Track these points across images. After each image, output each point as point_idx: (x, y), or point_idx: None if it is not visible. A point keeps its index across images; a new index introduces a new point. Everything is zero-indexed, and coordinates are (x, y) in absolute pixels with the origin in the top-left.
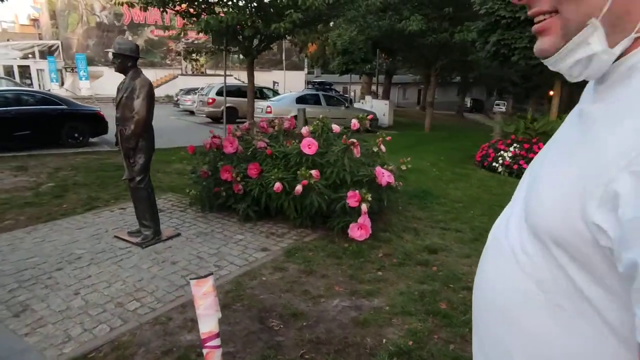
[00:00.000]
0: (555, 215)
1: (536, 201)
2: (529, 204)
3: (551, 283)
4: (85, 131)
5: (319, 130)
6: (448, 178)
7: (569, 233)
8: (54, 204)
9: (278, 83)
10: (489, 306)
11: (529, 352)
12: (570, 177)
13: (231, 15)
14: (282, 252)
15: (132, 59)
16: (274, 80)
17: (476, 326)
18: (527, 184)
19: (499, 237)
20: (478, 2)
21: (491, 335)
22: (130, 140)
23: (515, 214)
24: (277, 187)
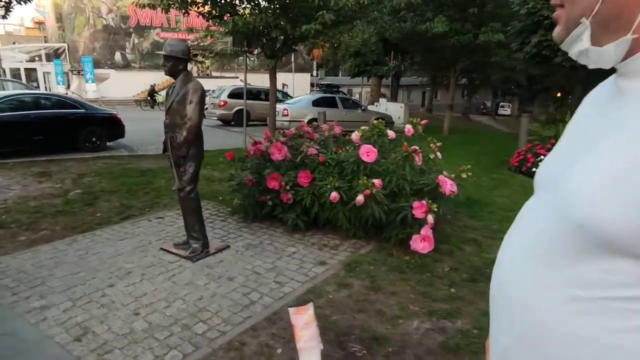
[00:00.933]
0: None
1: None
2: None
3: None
4: (102, 135)
5: (374, 136)
6: (488, 184)
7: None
8: (87, 212)
9: (287, 85)
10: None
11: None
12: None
13: (259, 17)
14: (341, 266)
15: (184, 61)
16: (283, 82)
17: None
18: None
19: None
20: (517, 2)
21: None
22: (182, 148)
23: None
24: (333, 197)
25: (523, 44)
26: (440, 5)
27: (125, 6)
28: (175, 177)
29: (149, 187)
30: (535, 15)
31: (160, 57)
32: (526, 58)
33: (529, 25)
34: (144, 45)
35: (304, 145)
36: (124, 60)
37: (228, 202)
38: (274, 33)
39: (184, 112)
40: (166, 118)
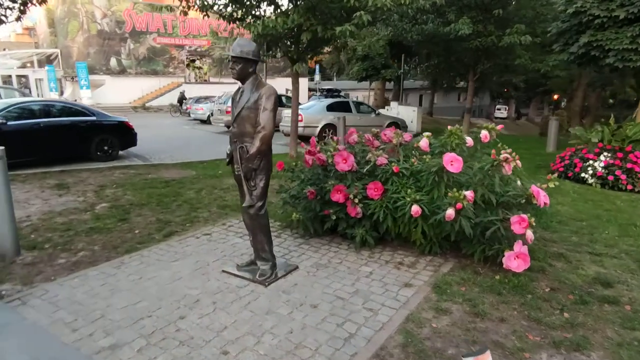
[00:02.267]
0: None
1: None
2: None
3: None
4: (115, 144)
5: (451, 143)
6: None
7: None
8: (123, 229)
9: (289, 90)
10: None
11: None
12: None
13: (290, 18)
14: (429, 287)
15: (255, 63)
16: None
17: None
18: None
19: None
20: (562, 2)
21: None
22: (255, 160)
23: None
24: (415, 211)
25: (566, 45)
26: (463, 6)
27: (120, 11)
28: (246, 193)
29: (179, 199)
30: (584, 15)
31: (158, 63)
32: (570, 60)
33: (575, 25)
34: (140, 51)
35: (371, 154)
36: (119, 65)
37: (277, 215)
38: (305, 35)
39: (256, 120)
40: (233, 126)
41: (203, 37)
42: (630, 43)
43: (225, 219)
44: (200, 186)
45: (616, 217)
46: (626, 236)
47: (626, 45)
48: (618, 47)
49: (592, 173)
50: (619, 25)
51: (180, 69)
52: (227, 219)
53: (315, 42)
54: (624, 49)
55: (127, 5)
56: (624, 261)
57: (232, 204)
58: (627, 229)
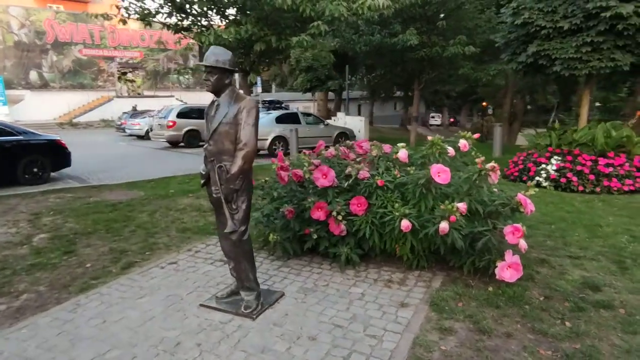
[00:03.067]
0: None
1: None
2: None
3: None
4: (45, 165)
5: (433, 153)
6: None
7: None
8: (72, 263)
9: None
10: None
11: None
12: None
13: (243, 28)
14: (426, 305)
15: (230, 74)
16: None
17: None
18: None
19: None
20: (510, 13)
21: None
22: (237, 180)
23: None
24: (406, 226)
25: (514, 54)
26: (408, 18)
27: (40, 21)
28: (227, 217)
29: (131, 224)
30: (531, 26)
31: (85, 76)
32: (518, 68)
33: (522, 36)
34: (64, 63)
35: (351, 168)
36: (41, 79)
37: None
38: (258, 46)
39: (238, 135)
40: (208, 144)
41: (134, 49)
42: (575, 52)
43: (189, 244)
44: (153, 208)
45: (579, 218)
46: (595, 237)
47: (571, 55)
48: (564, 56)
49: (545, 176)
50: (563, 36)
51: (111, 82)
52: (191, 244)
53: (269, 52)
54: (569, 57)
55: (48, 14)
56: (602, 263)
57: (192, 226)
58: (593, 230)
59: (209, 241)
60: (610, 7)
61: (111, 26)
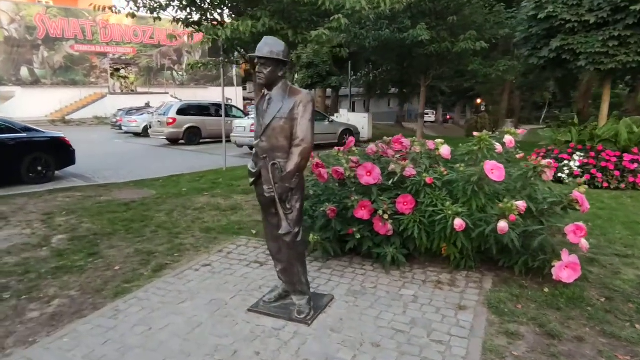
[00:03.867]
0: None
1: None
2: None
3: None
4: (50, 163)
5: (481, 149)
6: None
7: None
8: (99, 266)
9: (231, 99)
10: None
11: None
12: None
13: (260, 22)
14: (485, 308)
15: (284, 65)
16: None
17: None
18: None
19: None
20: (532, 6)
21: None
22: (292, 178)
23: None
24: (459, 226)
25: (534, 49)
26: (417, 12)
27: (30, 16)
28: (281, 218)
29: (150, 224)
30: (555, 19)
31: (77, 72)
32: (539, 63)
33: (545, 30)
34: (56, 59)
35: (394, 165)
36: (32, 75)
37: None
38: None
39: (295, 131)
40: (260, 140)
41: (127, 45)
42: (602, 47)
43: (217, 244)
44: (169, 207)
45: (614, 215)
46: (637, 235)
47: (598, 49)
48: (590, 50)
49: (568, 173)
50: (588, 30)
51: (104, 78)
52: (220, 244)
53: None
54: (595, 52)
55: (39, 9)
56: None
57: (215, 226)
58: (633, 227)
59: (238, 242)
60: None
61: (103, 21)
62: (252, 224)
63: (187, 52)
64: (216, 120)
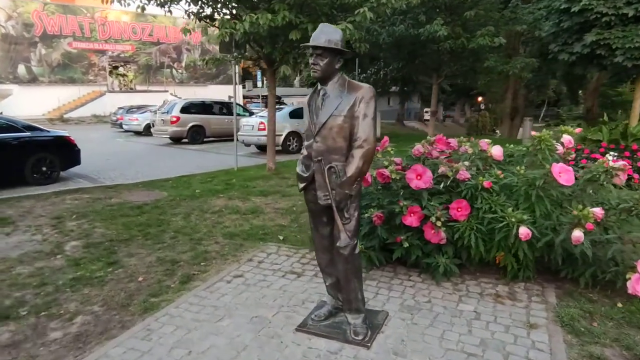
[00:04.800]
0: None
1: None
2: None
3: None
4: (55, 163)
5: (542, 150)
6: None
7: None
8: (120, 276)
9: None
10: None
11: None
12: None
13: (280, 15)
14: (557, 326)
15: (342, 57)
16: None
17: None
18: None
19: None
20: (563, 0)
21: None
22: (353, 184)
23: None
24: (525, 235)
25: (565, 45)
26: (433, 8)
27: (28, 12)
28: (340, 229)
29: (167, 228)
30: (590, 13)
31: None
32: (570, 60)
33: (578, 24)
34: (54, 57)
35: (443, 167)
36: (29, 73)
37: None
38: (294, 34)
39: (355, 130)
40: (315, 140)
41: (126, 42)
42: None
43: (245, 252)
44: (185, 210)
45: None
46: None
47: (637, 44)
48: (628, 45)
49: None
50: (625, 24)
51: (102, 76)
52: (248, 252)
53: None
54: (634, 47)
55: (36, 6)
56: None
57: (238, 231)
58: None
59: (267, 249)
60: None
61: (101, 18)
62: (276, 228)
63: (187, 49)
64: (220, 119)
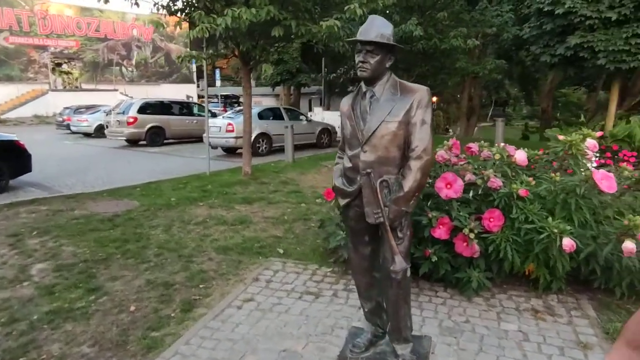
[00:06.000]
0: None
1: None
2: None
3: None
4: (3, 171)
5: (574, 155)
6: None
7: None
8: (107, 306)
9: (192, 97)
10: None
11: None
12: None
13: (264, 10)
14: (607, 344)
15: (394, 53)
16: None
17: None
18: None
19: None
20: (548, 2)
21: None
22: (411, 200)
23: None
24: (570, 246)
25: (547, 47)
26: (406, 7)
27: None
28: (394, 251)
29: (149, 243)
30: (574, 15)
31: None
32: (552, 62)
33: (561, 27)
34: None
35: (470, 175)
36: None
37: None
38: (277, 30)
39: (411, 137)
40: (363, 150)
41: (70, 37)
42: (624, 44)
43: (247, 270)
44: (164, 222)
45: None
46: None
47: (620, 47)
48: (611, 48)
49: None
50: (607, 27)
51: (43, 74)
52: (251, 270)
53: (282, 39)
54: (617, 50)
55: None
56: None
57: (230, 244)
58: None
59: (272, 266)
60: None
61: (41, 12)
62: (272, 241)
63: (137, 46)
64: (181, 120)
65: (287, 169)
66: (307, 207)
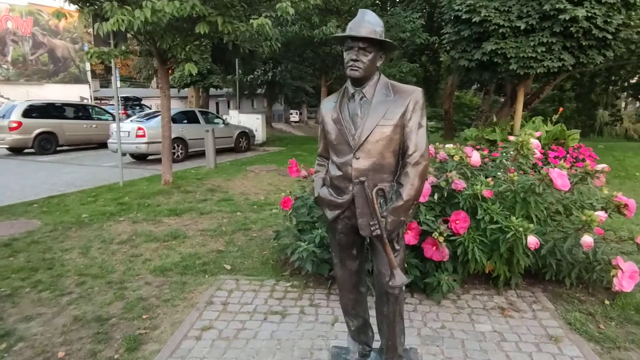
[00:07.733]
0: None
1: None
2: None
3: None
4: None
5: (524, 155)
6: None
7: None
8: (25, 355)
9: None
10: None
11: None
12: None
13: (190, 3)
14: (576, 335)
15: (385, 51)
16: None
17: None
18: None
19: None
20: (465, 9)
21: None
22: (410, 209)
23: None
24: (534, 244)
25: (464, 52)
26: (325, 10)
27: None
28: (393, 265)
29: (65, 271)
30: (489, 24)
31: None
32: (469, 66)
33: (477, 34)
34: None
35: (433, 178)
36: None
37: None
38: (201, 27)
39: (407, 142)
40: (355, 157)
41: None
42: (532, 52)
43: (196, 293)
44: (79, 243)
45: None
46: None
47: (529, 54)
48: (521, 54)
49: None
50: (516, 35)
51: None
52: (201, 293)
53: (206, 37)
54: (526, 57)
55: None
56: None
57: (167, 264)
58: None
59: (223, 285)
60: (567, 9)
61: None
62: (215, 256)
63: (13, 41)
64: (76, 124)
65: (210, 176)
66: (244, 216)
